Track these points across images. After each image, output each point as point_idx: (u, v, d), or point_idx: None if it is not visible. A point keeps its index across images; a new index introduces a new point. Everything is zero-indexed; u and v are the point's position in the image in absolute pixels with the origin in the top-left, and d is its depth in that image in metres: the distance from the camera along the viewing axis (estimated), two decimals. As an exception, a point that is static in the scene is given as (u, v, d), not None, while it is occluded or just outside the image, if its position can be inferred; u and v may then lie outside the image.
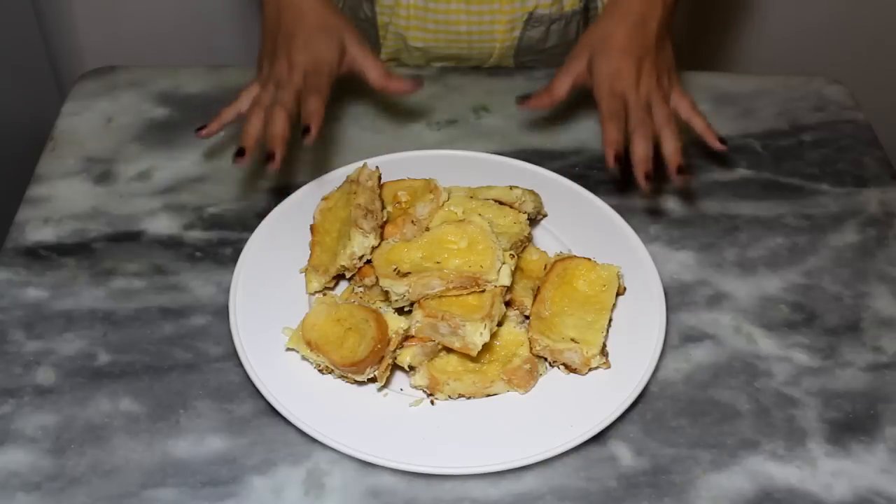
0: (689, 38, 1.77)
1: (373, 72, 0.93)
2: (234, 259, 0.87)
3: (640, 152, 0.87)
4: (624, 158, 0.87)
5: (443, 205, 0.87)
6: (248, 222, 0.92)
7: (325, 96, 0.87)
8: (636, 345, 0.80)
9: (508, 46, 1.12)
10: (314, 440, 0.74)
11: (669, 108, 0.91)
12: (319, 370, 0.78)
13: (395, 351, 0.77)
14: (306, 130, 0.84)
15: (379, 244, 0.82)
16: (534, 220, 0.91)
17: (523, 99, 0.95)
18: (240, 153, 0.85)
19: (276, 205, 0.92)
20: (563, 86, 0.94)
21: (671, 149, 0.89)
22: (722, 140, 0.92)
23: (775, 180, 1.00)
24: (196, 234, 0.92)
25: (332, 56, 0.90)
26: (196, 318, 0.84)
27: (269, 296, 0.84)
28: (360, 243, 0.82)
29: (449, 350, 0.79)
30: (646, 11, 0.92)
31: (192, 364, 0.81)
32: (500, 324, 0.80)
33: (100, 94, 1.07)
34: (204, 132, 0.91)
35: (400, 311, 0.80)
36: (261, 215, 0.91)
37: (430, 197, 0.86)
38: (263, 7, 0.95)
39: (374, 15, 1.11)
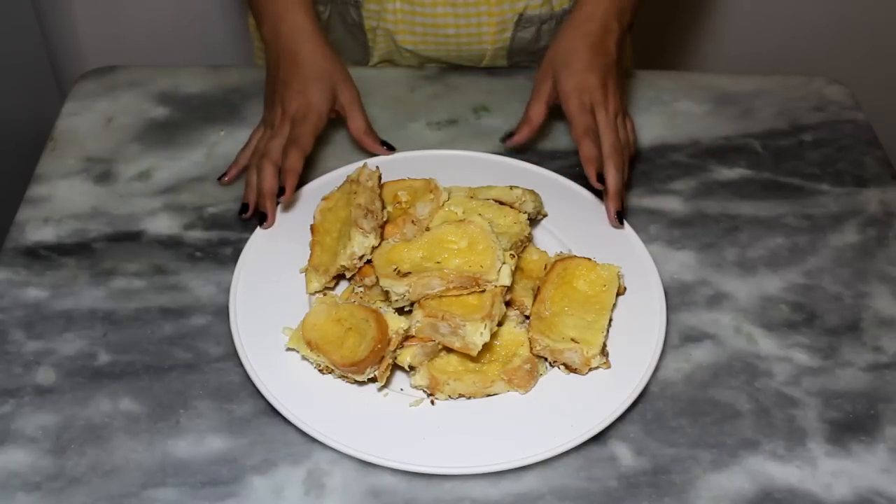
0: (690, 38, 1.77)
1: (354, 123, 0.97)
2: (234, 259, 0.87)
3: (615, 184, 0.89)
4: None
5: (443, 205, 0.87)
6: (248, 222, 0.92)
7: (306, 148, 0.91)
8: (636, 345, 0.80)
9: (500, 48, 1.12)
10: (314, 440, 0.74)
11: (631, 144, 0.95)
12: (319, 370, 0.78)
13: (395, 351, 0.77)
14: (281, 192, 0.88)
15: (379, 244, 0.82)
16: (534, 220, 0.91)
17: (507, 138, 0.98)
18: (244, 210, 0.91)
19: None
20: (538, 112, 0.97)
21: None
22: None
23: (775, 180, 1.00)
24: (196, 234, 0.92)
25: (323, 104, 0.93)
26: (196, 318, 0.84)
27: (269, 296, 0.84)
28: (361, 243, 0.82)
29: (449, 350, 0.79)
30: (605, 30, 0.94)
31: (192, 364, 0.81)
32: (500, 324, 0.80)
33: (100, 94, 1.07)
34: (226, 179, 0.96)
35: (400, 311, 0.80)
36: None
37: (431, 197, 0.86)
38: (266, 51, 0.98)
39: (360, 19, 1.11)
